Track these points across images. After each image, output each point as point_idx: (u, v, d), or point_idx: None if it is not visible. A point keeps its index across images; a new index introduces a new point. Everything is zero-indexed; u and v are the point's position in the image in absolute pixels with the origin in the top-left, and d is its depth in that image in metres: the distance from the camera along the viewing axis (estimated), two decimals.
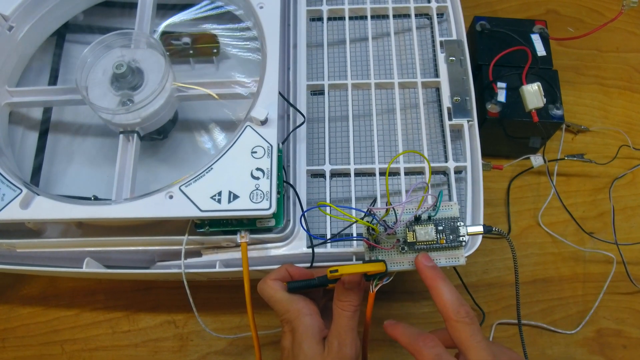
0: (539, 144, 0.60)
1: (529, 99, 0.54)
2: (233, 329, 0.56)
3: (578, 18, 0.72)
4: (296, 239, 0.45)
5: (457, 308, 0.35)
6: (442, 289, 0.36)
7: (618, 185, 0.63)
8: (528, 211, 0.62)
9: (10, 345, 0.56)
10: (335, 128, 0.50)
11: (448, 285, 0.36)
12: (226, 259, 0.45)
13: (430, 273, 0.37)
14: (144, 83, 0.47)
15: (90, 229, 0.47)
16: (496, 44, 0.59)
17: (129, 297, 0.57)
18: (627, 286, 0.58)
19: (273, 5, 0.48)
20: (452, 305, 0.35)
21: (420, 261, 0.38)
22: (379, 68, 0.53)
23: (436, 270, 0.37)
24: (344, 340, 0.37)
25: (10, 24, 0.49)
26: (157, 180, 0.50)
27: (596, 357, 0.55)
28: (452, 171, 0.47)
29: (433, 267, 0.37)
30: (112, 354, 0.55)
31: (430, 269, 0.37)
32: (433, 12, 0.54)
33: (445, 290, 0.36)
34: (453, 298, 0.36)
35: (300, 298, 0.40)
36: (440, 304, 0.36)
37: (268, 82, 0.45)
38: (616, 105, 0.67)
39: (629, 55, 0.70)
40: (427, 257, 0.38)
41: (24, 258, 0.48)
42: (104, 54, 0.48)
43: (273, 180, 0.41)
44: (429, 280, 0.37)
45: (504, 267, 0.59)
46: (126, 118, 0.46)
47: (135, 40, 0.49)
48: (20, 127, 0.53)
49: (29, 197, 0.42)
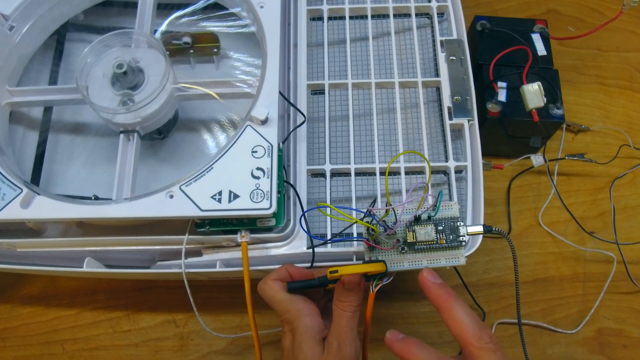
0: (540, 144, 0.60)
1: (529, 98, 0.54)
2: (233, 329, 0.56)
3: (579, 17, 0.72)
4: (296, 239, 0.45)
5: (479, 332, 0.31)
6: (457, 310, 0.32)
7: (618, 185, 0.63)
8: (528, 211, 0.62)
9: (11, 344, 0.56)
10: (335, 127, 0.50)
11: (463, 306, 0.32)
12: (226, 259, 0.45)
13: (440, 292, 0.33)
14: (145, 82, 0.47)
15: (90, 229, 0.47)
16: (497, 43, 0.59)
17: (129, 296, 0.57)
18: (628, 286, 0.58)
19: (273, 4, 0.48)
20: (473, 329, 0.31)
21: (426, 279, 0.34)
22: (380, 67, 0.53)
23: (446, 288, 0.33)
24: (344, 340, 0.37)
25: (11, 23, 0.49)
26: (157, 179, 0.51)
27: (596, 357, 0.55)
28: (453, 171, 0.47)
29: (442, 285, 0.33)
30: (113, 353, 0.55)
31: (439, 287, 0.33)
32: (433, 12, 0.54)
33: (460, 312, 0.32)
34: (472, 321, 0.31)
35: (300, 298, 0.40)
36: (457, 329, 0.31)
37: (268, 81, 0.45)
38: (617, 105, 0.67)
39: (630, 55, 0.70)
40: (432, 274, 0.34)
41: (25, 257, 0.48)
42: (105, 54, 0.48)
43: (273, 180, 0.41)
44: (439, 300, 0.33)
45: (505, 266, 0.59)
46: (126, 118, 0.46)
47: (136, 40, 0.49)
48: (21, 126, 0.53)
49: (29, 197, 0.42)
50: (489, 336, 0.31)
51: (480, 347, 0.30)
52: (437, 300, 0.33)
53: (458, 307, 0.32)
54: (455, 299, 0.32)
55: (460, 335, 0.31)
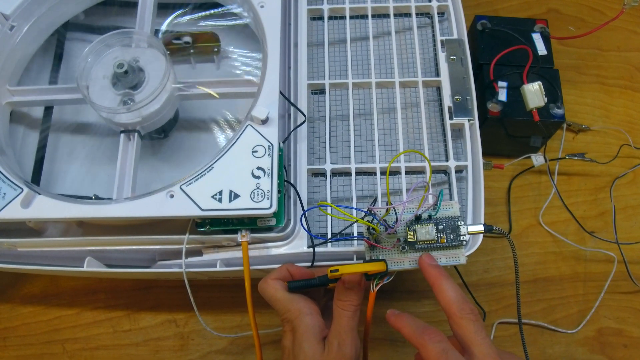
0: (540, 143, 0.60)
1: (529, 98, 0.54)
2: (234, 328, 0.56)
3: (579, 17, 0.72)
4: (297, 238, 0.45)
5: (461, 305, 0.35)
6: (445, 286, 0.36)
7: (619, 185, 0.63)
8: (529, 210, 0.62)
9: (12, 344, 0.56)
10: (336, 127, 0.50)
11: (451, 283, 0.36)
12: (227, 258, 0.46)
13: (434, 271, 0.37)
14: (145, 82, 0.47)
15: (91, 228, 0.47)
16: (497, 43, 0.59)
17: (129, 296, 0.57)
18: (628, 285, 0.58)
19: (274, 4, 0.48)
20: (456, 302, 0.36)
21: (423, 260, 0.38)
22: (380, 67, 0.53)
23: (439, 269, 0.37)
24: (344, 340, 0.37)
25: (11, 23, 0.49)
26: (158, 179, 0.51)
27: (597, 357, 0.55)
28: (453, 170, 0.47)
29: (436, 266, 0.38)
30: (113, 353, 0.55)
31: (434, 268, 0.37)
32: (434, 11, 0.54)
33: (448, 287, 0.36)
34: (456, 295, 0.36)
35: (301, 298, 0.40)
36: (444, 302, 0.36)
37: (269, 81, 0.45)
38: (617, 105, 0.67)
39: (630, 54, 0.70)
40: (430, 257, 0.38)
41: (25, 257, 0.48)
42: (105, 53, 0.48)
43: (274, 180, 0.41)
44: (432, 278, 0.37)
45: (505, 266, 0.59)
46: (127, 117, 0.46)
47: (136, 40, 0.49)
48: (21, 126, 0.53)
49: (30, 196, 0.42)
50: (470, 308, 0.35)
51: (461, 317, 0.35)
52: (431, 278, 0.37)
53: (446, 284, 0.36)
54: (445, 278, 0.37)
55: (446, 307, 0.36)
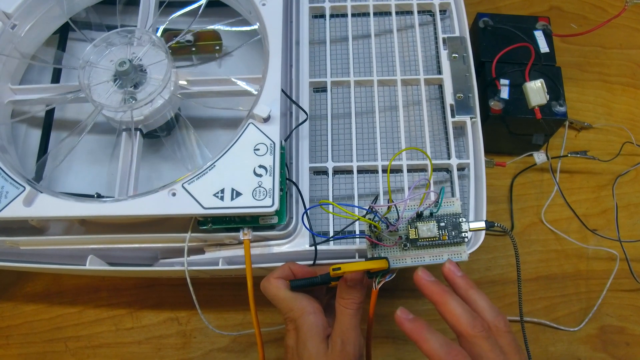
0: (542, 141, 0.60)
1: (532, 95, 0.54)
2: (236, 326, 0.56)
3: (581, 14, 0.72)
4: (299, 236, 0.45)
5: (472, 322, 0.33)
6: (451, 303, 0.34)
7: (621, 182, 0.63)
8: (531, 208, 0.61)
9: (14, 342, 0.56)
10: (337, 125, 0.50)
11: (457, 299, 0.34)
12: (229, 256, 0.46)
13: (434, 288, 0.35)
14: (147, 80, 0.47)
15: (93, 227, 0.47)
16: (499, 40, 0.59)
17: (132, 294, 0.57)
18: (631, 283, 0.58)
19: (275, 2, 0.48)
20: (466, 320, 0.33)
21: (420, 277, 0.36)
22: (382, 65, 0.53)
23: (439, 284, 0.35)
24: (348, 338, 0.37)
25: (13, 21, 0.49)
26: (159, 177, 0.51)
27: (599, 354, 0.55)
28: (455, 168, 0.47)
29: (436, 282, 0.36)
30: (116, 351, 0.55)
31: (434, 284, 0.35)
32: (436, 9, 0.54)
33: (454, 305, 0.34)
34: (464, 311, 0.34)
35: (303, 296, 0.40)
36: (452, 320, 0.34)
37: (271, 79, 0.45)
38: (620, 102, 0.67)
39: (633, 52, 0.70)
40: (426, 272, 0.36)
41: (28, 255, 0.48)
42: (107, 52, 0.48)
43: (276, 178, 0.41)
44: (434, 296, 0.35)
45: (507, 264, 0.59)
46: (129, 115, 0.46)
47: (138, 38, 0.49)
48: (24, 124, 0.53)
49: (32, 195, 0.42)
50: (481, 324, 0.33)
51: (474, 335, 0.33)
52: (433, 296, 0.35)
53: (452, 301, 0.34)
54: (449, 294, 0.35)
55: (455, 326, 0.34)
